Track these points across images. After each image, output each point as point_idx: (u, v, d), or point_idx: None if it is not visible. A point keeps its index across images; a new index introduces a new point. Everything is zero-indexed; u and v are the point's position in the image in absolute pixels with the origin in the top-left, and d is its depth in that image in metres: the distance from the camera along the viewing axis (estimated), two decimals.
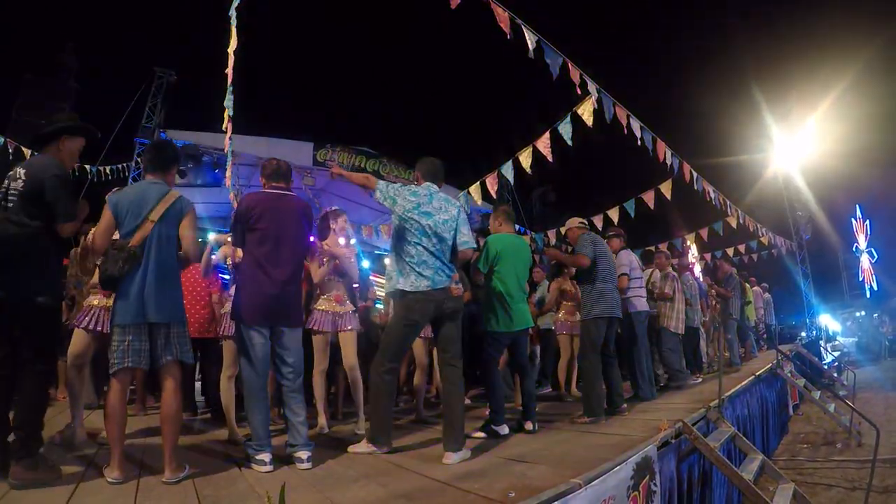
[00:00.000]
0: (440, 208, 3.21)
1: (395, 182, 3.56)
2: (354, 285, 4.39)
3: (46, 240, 2.54)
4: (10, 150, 8.84)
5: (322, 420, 3.95)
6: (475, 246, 3.38)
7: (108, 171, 11.20)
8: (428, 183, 3.33)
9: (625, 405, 4.37)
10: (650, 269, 6.33)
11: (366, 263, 10.17)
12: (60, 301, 2.84)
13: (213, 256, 3.94)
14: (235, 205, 8.24)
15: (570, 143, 5.34)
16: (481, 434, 3.57)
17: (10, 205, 2.47)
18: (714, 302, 8.29)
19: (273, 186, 3.11)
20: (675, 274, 6.25)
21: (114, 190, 2.81)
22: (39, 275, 2.52)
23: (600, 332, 4.29)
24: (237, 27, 4.79)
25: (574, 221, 4.79)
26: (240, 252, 3.68)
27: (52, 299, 2.63)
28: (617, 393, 4.37)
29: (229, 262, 3.78)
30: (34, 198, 2.50)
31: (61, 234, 2.58)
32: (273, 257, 2.92)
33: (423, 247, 3.09)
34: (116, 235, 2.64)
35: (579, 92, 4.88)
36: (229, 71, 5.04)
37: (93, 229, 3.42)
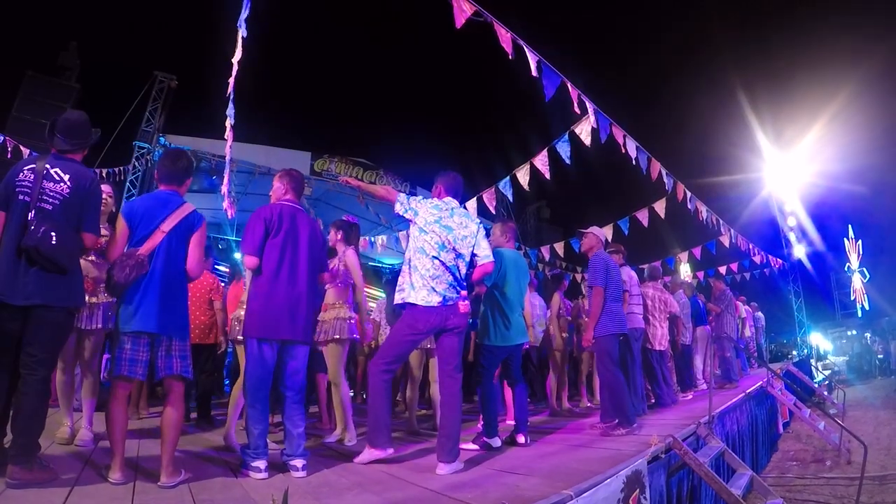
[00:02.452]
0: (461, 223, 3.23)
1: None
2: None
3: (79, 248, 2.56)
4: (10, 149, 8.84)
5: (338, 430, 3.97)
6: (493, 260, 3.39)
7: (105, 174, 11.19)
8: (449, 197, 3.34)
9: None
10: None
11: None
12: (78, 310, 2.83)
13: None
14: (230, 212, 8.23)
15: (568, 161, 5.42)
16: (474, 446, 3.59)
17: (49, 207, 2.43)
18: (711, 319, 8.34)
19: (290, 200, 3.13)
20: (656, 290, 6.23)
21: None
22: (76, 284, 2.55)
23: (615, 347, 4.36)
24: (246, 37, 4.85)
25: (594, 231, 4.75)
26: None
27: (77, 309, 2.66)
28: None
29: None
30: (76, 205, 2.50)
31: (85, 244, 2.59)
32: (290, 271, 2.93)
33: (440, 261, 3.10)
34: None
35: (578, 111, 4.96)
36: (231, 81, 5.10)
37: None
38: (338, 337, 3.81)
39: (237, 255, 3.07)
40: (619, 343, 4.45)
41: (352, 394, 4.97)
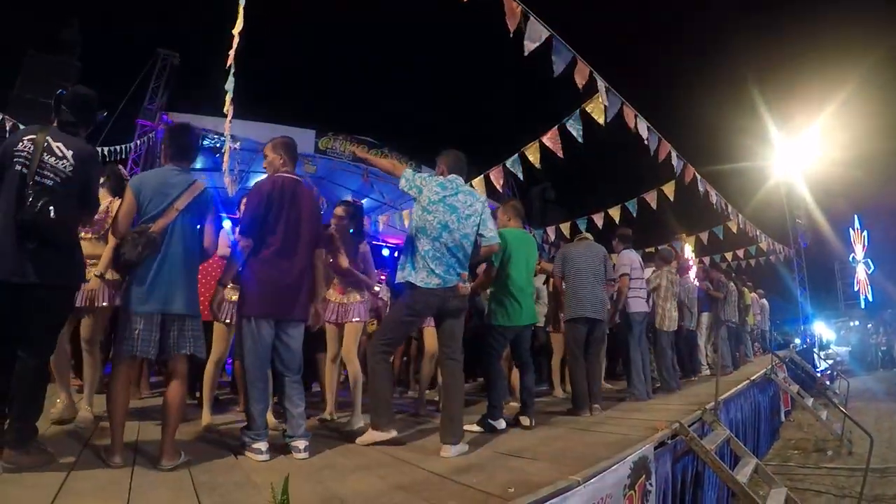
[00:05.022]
0: (465, 202, 3.15)
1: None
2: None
3: (77, 224, 2.49)
4: (8, 127, 8.76)
5: (330, 406, 3.97)
6: (499, 240, 3.35)
7: (107, 152, 11.13)
8: (454, 175, 3.25)
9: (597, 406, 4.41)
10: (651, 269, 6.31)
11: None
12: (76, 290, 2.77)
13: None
14: (231, 189, 8.11)
15: (580, 140, 5.32)
16: (478, 428, 3.56)
17: (50, 182, 2.33)
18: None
19: (289, 171, 3.04)
20: (665, 272, 6.19)
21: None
22: (75, 261, 2.48)
23: (575, 332, 4.51)
24: (245, 9, 4.72)
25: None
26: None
27: (78, 287, 2.62)
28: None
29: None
30: (78, 183, 2.42)
31: (84, 221, 2.54)
32: (291, 247, 2.87)
33: (442, 241, 3.02)
34: None
35: (580, 90, 4.83)
36: (231, 53, 4.98)
37: None
38: (357, 319, 3.79)
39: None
40: (588, 327, 4.53)
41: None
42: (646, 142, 5.74)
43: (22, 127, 8.34)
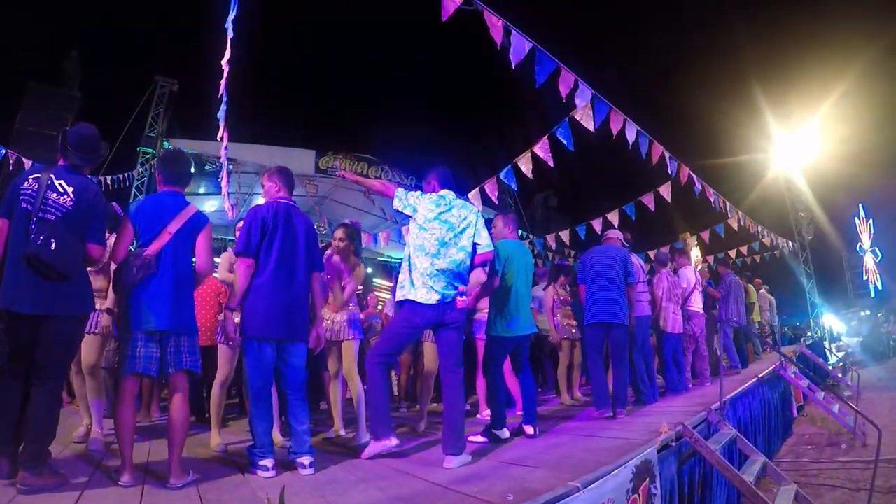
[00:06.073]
0: (460, 216, 3.21)
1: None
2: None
3: (83, 257, 2.58)
4: (11, 161, 8.84)
5: (337, 424, 4.04)
6: (493, 248, 3.40)
7: (109, 181, 11.28)
8: (445, 191, 3.31)
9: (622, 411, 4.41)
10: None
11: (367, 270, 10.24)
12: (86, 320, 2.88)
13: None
14: (231, 213, 8.18)
15: (571, 148, 5.36)
16: (482, 438, 3.59)
17: (52, 217, 2.45)
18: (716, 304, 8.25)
19: (284, 197, 3.13)
20: (667, 273, 6.20)
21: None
22: (83, 291, 2.57)
23: (590, 337, 4.66)
24: (234, 38, 4.83)
25: None
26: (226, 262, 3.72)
27: (86, 316, 2.72)
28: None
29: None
30: (79, 217, 2.53)
31: (92, 255, 2.62)
32: (287, 269, 2.93)
33: (440, 258, 3.08)
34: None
35: (574, 101, 4.88)
36: (222, 82, 5.08)
37: None
38: (352, 337, 3.85)
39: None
40: (605, 331, 4.62)
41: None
42: (630, 146, 5.74)
43: (25, 160, 8.41)
